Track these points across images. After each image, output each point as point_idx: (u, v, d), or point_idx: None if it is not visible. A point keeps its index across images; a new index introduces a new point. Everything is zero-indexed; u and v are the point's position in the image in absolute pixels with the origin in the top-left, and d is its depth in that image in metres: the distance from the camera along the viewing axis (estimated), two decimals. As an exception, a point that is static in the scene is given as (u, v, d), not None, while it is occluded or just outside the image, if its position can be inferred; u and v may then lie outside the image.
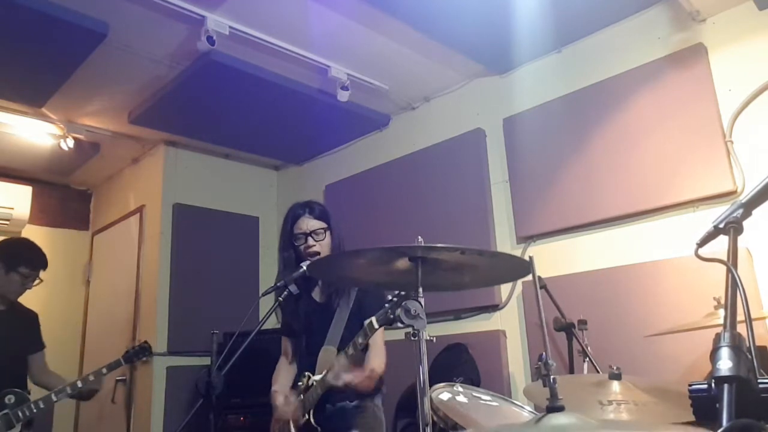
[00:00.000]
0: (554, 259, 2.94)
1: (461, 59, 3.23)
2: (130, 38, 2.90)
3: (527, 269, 1.57)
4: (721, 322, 0.83)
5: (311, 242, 2.29)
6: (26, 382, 2.93)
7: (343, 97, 3.29)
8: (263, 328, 2.03)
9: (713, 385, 0.77)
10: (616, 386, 1.71)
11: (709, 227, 1.02)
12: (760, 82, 2.46)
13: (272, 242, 4.57)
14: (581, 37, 3.04)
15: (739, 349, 0.79)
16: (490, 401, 2.00)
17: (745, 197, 1.00)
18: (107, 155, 4.26)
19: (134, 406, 3.88)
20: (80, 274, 4.74)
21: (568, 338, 2.48)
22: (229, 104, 3.46)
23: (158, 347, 3.72)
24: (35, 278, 2.90)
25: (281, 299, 2.09)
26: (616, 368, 1.74)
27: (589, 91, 2.95)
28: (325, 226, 2.34)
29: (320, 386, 2.11)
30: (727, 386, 0.76)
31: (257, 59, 3.08)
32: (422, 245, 1.41)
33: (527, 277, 1.82)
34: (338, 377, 2.05)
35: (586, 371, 2.36)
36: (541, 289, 2.52)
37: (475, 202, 3.28)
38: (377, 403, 2.29)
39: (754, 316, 0.92)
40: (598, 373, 2.20)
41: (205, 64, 2.98)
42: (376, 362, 2.20)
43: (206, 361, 2.08)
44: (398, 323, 1.81)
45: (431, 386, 1.92)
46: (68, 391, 2.70)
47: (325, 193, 4.17)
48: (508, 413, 1.95)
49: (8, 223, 4.23)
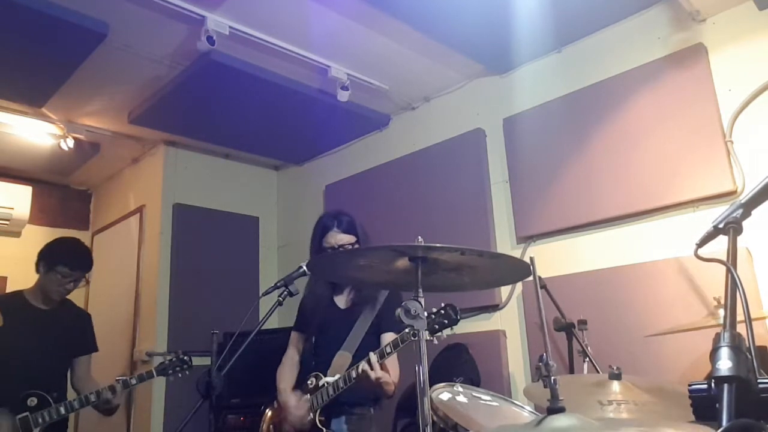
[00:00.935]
0: (554, 259, 2.94)
1: (461, 59, 3.23)
2: (130, 38, 2.91)
3: (527, 271, 1.56)
4: (721, 322, 0.83)
5: None
6: (65, 383, 2.84)
7: (343, 97, 3.29)
8: (263, 328, 2.03)
9: (713, 385, 0.77)
10: (616, 386, 1.71)
11: (708, 227, 1.02)
12: (760, 82, 2.46)
13: (272, 242, 4.58)
14: (581, 37, 3.04)
15: (738, 349, 0.79)
16: (490, 401, 2.00)
17: (744, 197, 1.00)
18: (107, 155, 4.26)
19: (134, 406, 3.88)
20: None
21: (568, 338, 2.48)
22: (229, 104, 3.46)
23: (158, 347, 3.73)
24: (75, 279, 2.76)
25: (281, 299, 2.10)
26: (616, 368, 1.74)
27: (589, 91, 2.95)
28: (353, 240, 2.38)
29: (342, 381, 2.13)
30: (727, 386, 0.76)
31: (257, 59, 3.08)
32: (422, 245, 1.41)
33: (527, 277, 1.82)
34: (374, 369, 2.06)
35: (586, 371, 2.36)
36: (541, 289, 2.52)
37: (475, 202, 3.28)
38: (376, 412, 2.32)
39: (753, 316, 0.92)
40: (598, 373, 2.21)
41: (205, 64, 2.98)
42: (395, 372, 2.24)
43: (206, 361, 2.08)
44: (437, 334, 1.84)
45: (431, 386, 1.91)
46: (92, 398, 2.57)
47: (325, 193, 4.17)
48: (508, 413, 1.95)
49: (8, 223, 4.23)
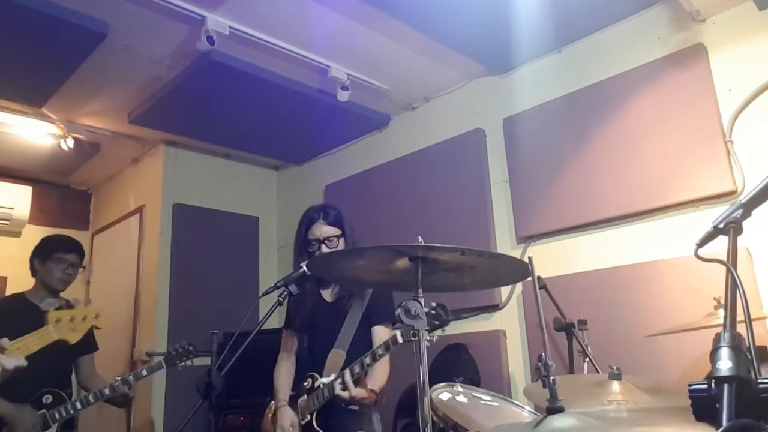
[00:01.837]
0: (554, 259, 2.94)
1: (461, 59, 3.23)
2: (130, 38, 2.91)
3: (527, 272, 1.56)
4: (721, 322, 0.83)
5: (324, 250, 2.29)
6: (70, 382, 2.88)
7: (343, 97, 3.29)
8: (263, 328, 2.02)
9: (713, 385, 0.77)
10: (616, 386, 1.71)
11: (708, 227, 1.02)
12: (760, 82, 2.46)
13: (272, 242, 4.58)
14: (581, 37, 3.04)
15: (738, 349, 0.79)
16: (490, 401, 2.00)
17: (744, 197, 1.00)
18: (107, 155, 4.26)
19: (134, 406, 3.87)
20: (80, 274, 4.73)
21: (568, 338, 2.48)
22: (229, 104, 3.46)
23: (158, 347, 3.72)
24: (72, 264, 2.86)
25: (281, 299, 2.09)
26: (616, 368, 1.74)
27: (589, 91, 2.95)
28: (339, 232, 2.33)
29: (328, 390, 2.10)
30: (727, 386, 0.76)
31: (257, 59, 3.08)
32: (422, 245, 1.41)
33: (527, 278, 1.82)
34: (347, 390, 2.04)
35: (586, 371, 2.36)
36: (541, 289, 2.52)
37: (475, 202, 3.28)
38: (374, 411, 2.29)
39: (753, 316, 0.92)
40: (598, 373, 2.21)
41: (205, 64, 2.98)
42: (383, 372, 2.21)
43: (206, 361, 2.07)
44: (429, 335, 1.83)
45: (431, 386, 1.91)
46: (106, 392, 2.59)
47: (325, 193, 4.17)
48: (508, 413, 1.95)
49: (8, 223, 4.23)
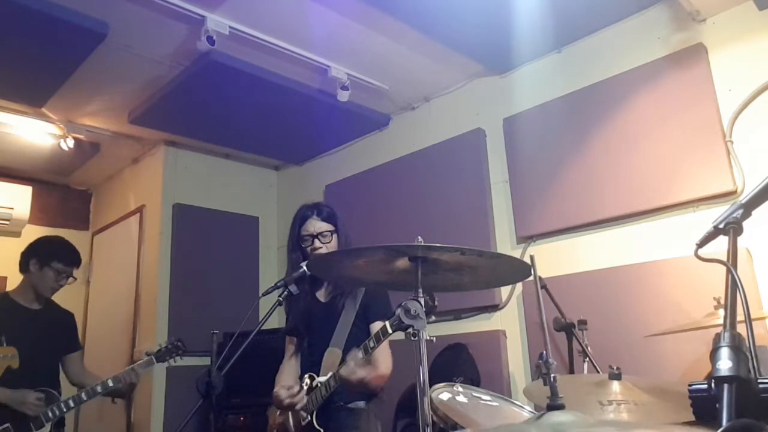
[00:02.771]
0: (554, 259, 2.94)
1: (461, 59, 3.23)
2: (130, 38, 2.90)
3: (527, 272, 1.56)
4: (721, 322, 0.83)
5: (318, 244, 2.30)
6: (59, 381, 2.89)
7: (343, 97, 3.29)
8: (263, 328, 2.02)
9: (713, 385, 0.77)
10: (616, 386, 1.71)
11: (709, 227, 1.02)
12: (760, 82, 2.46)
13: (272, 242, 4.58)
14: (581, 37, 3.04)
15: (738, 349, 0.79)
16: (490, 401, 2.00)
17: (744, 198, 1.00)
18: (107, 155, 4.26)
19: (134, 406, 3.88)
20: (80, 274, 4.69)
21: (568, 338, 2.48)
22: (229, 104, 3.46)
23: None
24: (69, 275, 2.88)
25: (281, 299, 2.09)
26: (616, 368, 1.74)
27: (589, 91, 2.95)
28: (331, 228, 2.34)
29: (332, 380, 2.10)
30: (727, 386, 0.76)
31: (257, 59, 3.08)
32: (422, 245, 1.41)
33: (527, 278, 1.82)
34: (353, 372, 2.03)
35: (586, 371, 2.35)
36: (541, 289, 2.51)
37: (475, 202, 3.28)
38: (372, 408, 2.29)
39: (754, 316, 0.92)
40: (598, 373, 2.20)
41: (205, 64, 2.98)
42: (385, 364, 2.21)
43: (206, 361, 2.08)
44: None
45: (431, 386, 1.91)
46: (98, 389, 2.62)
47: (325, 193, 4.17)
48: (508, 413, 1.95)
49: (8, 223, 4.23)
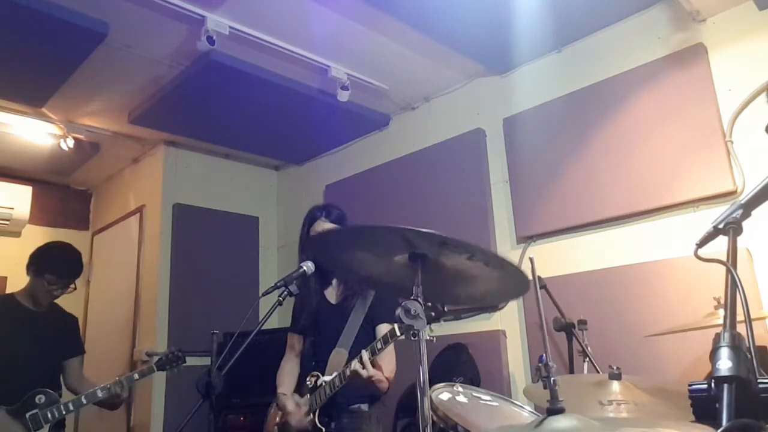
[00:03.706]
0: (554, 259, 2.94)
1: (461, 59, 3.23)
2: (130, 38, 2.90)
3: (526, 287, 1.47)
4: (721, 322, 0.83)
5: None
6: (59, 383, 2.88)
7: (343, 97, 3.29)
8: (263, 328, 2.02)
9: (713, 385, 0.77)
10: (616, 386, 1.71)
11: (708, 227, 1.02)
12: (760, 82, 2.46)
13: (272, 242, 4.58)
14: (581, 37, 3.04)
15: (738, 349, 0.79)
16: (490, 401, 2.00)
17: (744, 198, 1.01)
18: (107, 155, 4.26)
19: (134, 406, 3.88)
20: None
21: (568, 338, 2.48)
22: (229, 104, 3.46)
23: (158, 347, 3.72)
24: (61, 287, 2.78)
25: (281, 298, 2.09)
26: (616, 368, 1.74)
27: (589, 91, 2.95)
28: None
29: (338, 380, 2.11)
30: (726, 386, 0.76)
31: (257, 59, 3.08)
32: (430, 232, 1.31)
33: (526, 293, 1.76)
34: (366, 368, 2.04)
35: (586, 371, 2.35)
36: (541, 289, 2.52)
37: (475, 202, 3.28)
38: (375, 412, 2.30)
39: (753, 316, 0.92)
40: (598, 373, 2.20)
41: (205, 64, 2.98)
42: (390, 366, 2.22)
43: (206, 361, 2.07)
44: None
45: (431, 386, 1.91)
46: (99, 394, 2.60)
47: (325, 193, 4.17)
48: (508, 413, 1.95)
49: (8, 223, 4.23)
